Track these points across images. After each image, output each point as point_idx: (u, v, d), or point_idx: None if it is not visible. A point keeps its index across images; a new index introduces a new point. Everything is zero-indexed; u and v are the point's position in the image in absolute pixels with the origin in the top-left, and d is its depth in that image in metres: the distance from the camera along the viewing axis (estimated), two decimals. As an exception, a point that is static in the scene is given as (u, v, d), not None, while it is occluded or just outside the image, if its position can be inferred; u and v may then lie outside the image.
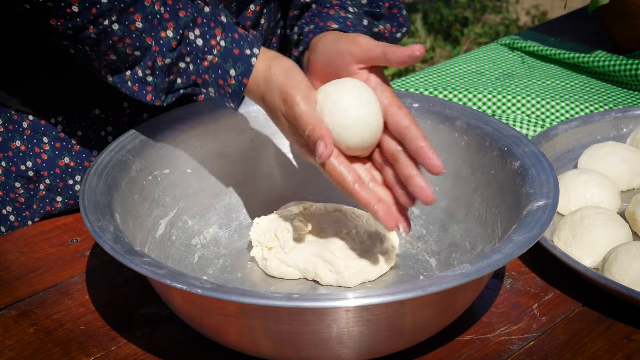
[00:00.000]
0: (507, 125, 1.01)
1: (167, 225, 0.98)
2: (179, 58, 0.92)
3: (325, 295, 0.77)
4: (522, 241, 0.83)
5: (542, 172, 0.93)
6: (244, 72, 0.92)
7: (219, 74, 0.93)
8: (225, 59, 0.92)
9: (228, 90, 0.93)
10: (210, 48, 0.92)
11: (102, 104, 1.08)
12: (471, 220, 0.99)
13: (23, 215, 1.10)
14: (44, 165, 1.08)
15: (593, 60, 1.45)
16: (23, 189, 1.09)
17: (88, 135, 1.08)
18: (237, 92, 0.93)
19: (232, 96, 0.93)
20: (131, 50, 0.91)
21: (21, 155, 1.07)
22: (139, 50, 0.91)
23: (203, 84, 0.93)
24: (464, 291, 0.84)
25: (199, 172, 1.02)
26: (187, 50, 0.92)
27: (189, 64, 0.92)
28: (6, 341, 0.89)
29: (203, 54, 0.92)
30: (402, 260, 1.01)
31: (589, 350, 0.87)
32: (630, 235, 1.01)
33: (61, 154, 1.08)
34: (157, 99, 0.94)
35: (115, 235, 0.83)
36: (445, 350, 0.87)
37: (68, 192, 1.09)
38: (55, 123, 1.07)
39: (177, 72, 0.93)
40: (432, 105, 1.06)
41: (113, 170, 0.94)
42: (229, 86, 0.93)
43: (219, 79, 0.93)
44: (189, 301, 0.82)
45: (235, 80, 0.92)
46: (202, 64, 0.92)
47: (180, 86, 0.94)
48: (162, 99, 0.94)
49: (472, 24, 3.66)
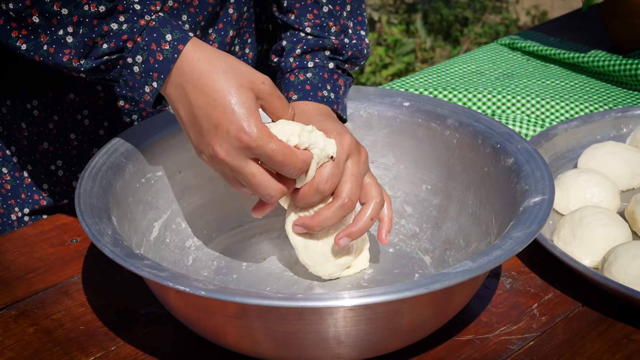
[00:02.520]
0: (499, 123, 1.01)
1: (161, 228, 0.98)
2: (113, 12, 0.85)
3: (329, 295, 0.77)
4: (521, 237, 0.83)
5: (536, 169, 0.93)
6: (180, 38, 0.85)
7: (153, 36, 0.85)
8: (163, 24, 0.86)
9: (159, 57, 0.85)
10: (149, 11, 0.87)
11: (75, 88, 1.07)
12: (465, 217, 0.99)
13: (9, 203, 1.10)
14: (24, 151, 1.08)
15: (593, 60, 1.45)
16: (9, 176, 1.09)
17: (64, 119, 1.08)
18: (168, 61, 0.85)
19: (161, 66, 0.85)
20: (59, 6, 0.85)
21: (5, 141, 1.08)
22: (67, 7, 0.85)
23: (132, 49, 0.86)
24: (462, 289, 0.85)
25: (191, 174, 1.02)
26: (124, 7, 0.86)
27: (122, 24, 0.85)
28: (6, 341, 0.89)
29: (141, 14, 0.86)
30: (396, 258, 1.01)
31: (589, 350, 0.87)
32: (630, 235, 1.01)
33: (39, 139, 1.08)
34: (76, 59, 0.86)
35: (114, 239, 0.83)
36: (445, 350, 0.87)
37: (52, 178, 1.10)
38: (31, 108, 1.07)
39: (107, 33, 0.86)
40: (423, 104, 1.06)
41: (107, 173, 0.94)
42: (162, 52, 0.85)
43: (153, 42, 0.85)
44: (188, 303, 0.82)
45: (169, 46, 0.85)
46: (138, 22, 0.85)
47: (104, 51, 0.86)
48: (81, 61, 0.87)
49: (472, 24, 3.66)
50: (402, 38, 3.46)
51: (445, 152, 1.03)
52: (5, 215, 1.11)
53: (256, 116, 0.83)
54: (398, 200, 1.06)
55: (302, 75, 1.02)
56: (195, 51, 0.85)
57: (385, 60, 3.30)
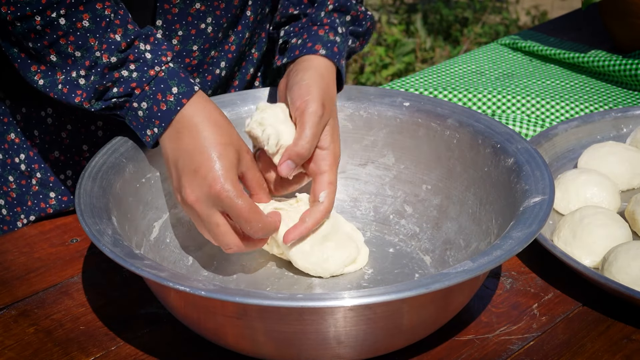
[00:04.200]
0: (499, 123, 1.01)
1: (161, 228, 0.98)
2: (125, 62, 0.91)
3: (329, 295, 0.77)
4: (522, 237, 0.83)
5: (536, 169, 0.93)
6: (185, 92, 0.91)
7: (160, 87, 0.91)
8: (171, 76, 0.92)
9: (163, 107, 0.91)
10: (159, 62, 0.92)
11: None
12: (465, 217, 0.99)
13: (15, 211, 1.10)
14: (35, 159, 1.08)
15: (593, 60, 1.45)
16: (15, 184, 1.09)
17: (77, 129, 1.08)
18: (171, 112, 0.91)
19: (163, 116, 0.91)
20: (73, 49, 0.90)
21: (15, 148, 1.08)
22: (80, 51, 0.91)
23: (139, 96, 0.92)
24: (462, 289, 0.85)
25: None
26: (135, 57, 0.91)
27: (133, 72, 0.91)
28: (6, 341, 0.89)
29: (152, 65, 0.92)
30: (396, 258, 1.01)
31: (589, 350, 0.87)
32: (630, 235, 1.01)
33: (51, 148, 1.08)
34: (87, 101, 0.92)
35: (114, 239, 0.83)
36: (445, 350, 0.87)
37: (60, 187, 1.10)
38: (46, 116, 1.07)
39: (117, 79, 0.92)
40: (423, 104, 1.06)
41: (107, 173, 0.94)
42: (165, 103, 0.91)
43: (159, 92, 0.91)
44: (188, 303, 0.82)
45: (174, 98, 0.91)
46: (148, 72, 0.91)
47: (114, 95, 0.92)
48: (91, 102, 0.92)
49: (472, 24, 3.66)
50: (402, 38, 3.46)
51: (445, 152, 1.03)
52: (12, 223, 1.11)
53: (234, 174, 0.89)
54: (398, 200, 1.06)
55: (332, 35, 1.03)
56: (197, 105, 0.91)
57: (385, 60, 3.30)
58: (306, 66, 0.99)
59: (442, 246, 1.00)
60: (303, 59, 1.01)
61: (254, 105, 1.06)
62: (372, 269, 0.99)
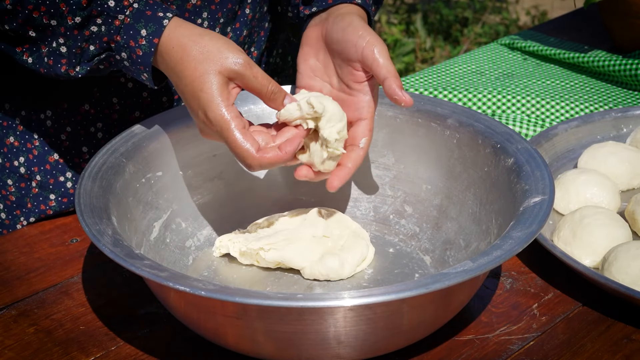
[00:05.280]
0: (499, 123, 1.01)
1: (161, 228, 0.98)
2: (90, 19, 0.90)
3: (329, 295, 0.77)
4: (522, 237, 0.83)
5: (536, 169, 0.93)
6: (154, 32, 0.90)
7: (130, 34, 0.90)
8: (137, 19, 0.91)
9: (139, 53, 0.90)
10: (122, 8, 0.90)
11: (91, 99, 1.07)
12: (465, 217, 0.99)
13: (14, 214, 1.10)
14: (34, 162, 1.08)
15: (593, 60, 1.45)
16: (14, 187, 1.09)
17: (77, 132, 1.08)
18: (147, 55, 0.90)
19: (143, 60, 0.90)
20: (47, 19, 0.90)
21: (15, 152, 1.08)
22: (55, 19, 0.90)
23: (116, 47, 0.91)
24: (462, 289, 0.85)
25: (191, 174, 1.02)
26: (98, 11, 0.90)
27: (101, 26, 0.90)
28: (6, 341, 0.89)
29: (115, 14, 0.90)
30: (396, 258, 1.01)
31: (589, 350, 0.87)
32: (630, 235, 1.01)
33: (50, 150, 1.08)
34: (71, 68, 0.92)
35: (114, 239, 0.83)
36: (445, 350, 0.87)
37: (60, 189, 1.09)
38: (45, 118, 1.07)
39: (89, 37, 0.91)
40: (423, 104, 1.06)
41: (107, 173, 0.94)
42: (140, 47, 0.90)
43: (130, 40, 0.90)
44: (188, 303, 0.82)
45: (146, 41, 0.90)
46: (113, 24, 0.90)
47: (93, 53, 0.92)
48: (76, 69, 0.92)
49: (472, 24, 3.66)
50: (402, 38, 3.46)
51: (445, 152, 1.03)
52: (11, 226, 1.11)
53: (218, 102, 0.88)
54: (398, 200, 1.06)
55: None
56: (170, 40, 0.90)
57: (385, 60, 3.30)
58: (349, 11, 0.99)
59: (442, 246, 1.00)
60: (341, 6, 1.00)
61: (254, 105, 1.06)
62: (372, 269, 0.99)
